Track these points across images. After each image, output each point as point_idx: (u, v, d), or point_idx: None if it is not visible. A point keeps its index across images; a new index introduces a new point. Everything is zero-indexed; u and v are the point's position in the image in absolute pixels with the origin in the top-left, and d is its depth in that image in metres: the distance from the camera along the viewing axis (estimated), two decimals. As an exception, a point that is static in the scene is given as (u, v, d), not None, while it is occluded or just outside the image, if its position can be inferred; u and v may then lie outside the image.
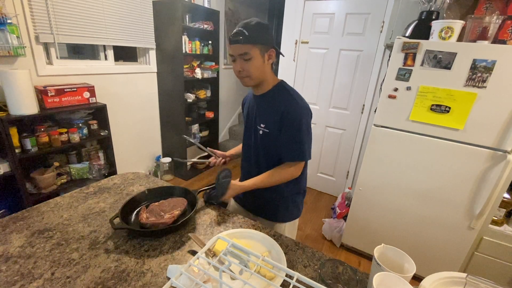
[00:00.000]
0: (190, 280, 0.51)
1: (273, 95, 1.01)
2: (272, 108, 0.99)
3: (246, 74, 0.94)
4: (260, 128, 1.02)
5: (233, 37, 0.90)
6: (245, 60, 0.91)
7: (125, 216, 0.87)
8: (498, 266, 1.53)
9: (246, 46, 0.89)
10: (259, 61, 0.92)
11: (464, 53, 1.32)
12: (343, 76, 2.46)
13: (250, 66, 0.92)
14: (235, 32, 0.90)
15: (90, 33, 1.99)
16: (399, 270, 0.58)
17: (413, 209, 1.64)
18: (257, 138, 1.04)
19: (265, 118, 1.01)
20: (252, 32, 0.88)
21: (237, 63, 0.93)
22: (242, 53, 0.90)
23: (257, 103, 1.05)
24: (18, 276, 0.66)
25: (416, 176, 1.58)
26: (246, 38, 0.87)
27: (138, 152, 2.71)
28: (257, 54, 0.91)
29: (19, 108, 1.54)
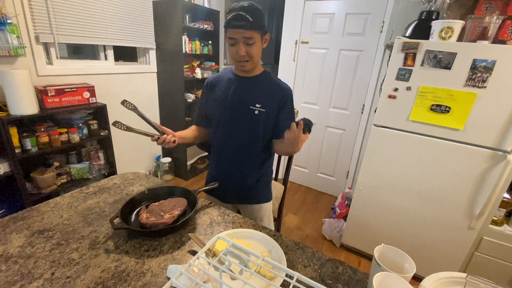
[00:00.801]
0: (190, 280, 0.51)
1: (266, 78, 1.08)
2: (269, 89, 1.06)
3: (248, 58, 0.97)
4: (256, 108, 1.04)
5: (236, 21, 0.90)
6: (249, 44, 0.94)
7: (125, 216, 0.87)
8: (498, 266, 1.53)
9: (251, 32, 0.91)
10: (260, 45, 0.97)
11: (464, 53, 1.32)
12: (343, 76, 2.46)
13: (254, 50, 0.96)
14: (236, 16, 0.90)
15: (90, 33, 1.99)
16: (399, 270, 0.58)
17: (413, 209, 1.64)
18: (251, 117, 1.06)
19: (260, 98, 1.05)
20: (256, 18, 0.90)
21: (240, 47, 0.95)
22: (247, 37, 0.92)
23: (247, 85, 1.07)
24: (18, 276, 0.66)
25: (416, 176, 1.58)
26: (251, 24, 0.90)
27: (138, 152, 2.71)
28: (258, 38, 0.95)
29: (19, 108, 1.54)
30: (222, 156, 1.16)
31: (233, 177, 1.15)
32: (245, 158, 1.12)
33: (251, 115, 1.05)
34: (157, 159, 2.91)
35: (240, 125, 1.08)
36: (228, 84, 1.10)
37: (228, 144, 1.13)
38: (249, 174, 1.15)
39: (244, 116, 1.07)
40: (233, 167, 1.14)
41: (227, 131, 1.12)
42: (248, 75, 1.07)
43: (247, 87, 1.07)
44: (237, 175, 1.15)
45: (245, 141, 1.10)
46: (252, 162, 1.13)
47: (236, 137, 1.10)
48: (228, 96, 1.08)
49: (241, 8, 0.90)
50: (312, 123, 0.93)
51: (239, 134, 1.10)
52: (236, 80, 1.09)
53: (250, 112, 1.05)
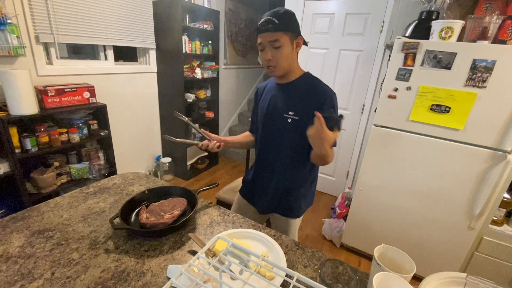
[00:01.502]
0: (190, 280, 0.51)
1: (303, 83, 1.00)
2: (303, 94, 0.98)
3: (275, 63, 0.93)
4: (289, 116, 0.99)
5: (262, 26, 0.90)
6: (275, 48, 0.91)
7: (125, 216, 0.87)
8: (498, 266, 1.53)
9: (277, 33, 0.89)
10: (288, 48, 0.92)
11: (464, 53, 1.32)
12: (343, 76, 2.46)
13: (280, 54, 0.92)
14: (264, 21, 0.90)
15: (90, 33, 1.99)
16: (399, 270, 0.58)
17: (413, 209, 1.64)
18: (283, 126, 1.02)
19: (294, 105, 0.99)
20: (282, 20, 0.88)
21: (266, 51, 0.93)
22: (273, 40, 0.89)
23: (283, 92, 1.03)
24: (18, 276, 0.66)
25: (416, 176, 1.58)
26: (276, 26, 0.88)
27: (138, 152, 2.71)
28: (287, 41, 0.91)
29: (19, 108, 1.54)
30: (260, 165, 1.15)
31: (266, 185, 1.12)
32: (279, 168, 1.07)
33: (285, 124, 1.01)
34: (157, 159, 2.91)
35: (275, 134, 1.05)
36: (269, 92, 1.08)
37: (265, 153, 1.12)
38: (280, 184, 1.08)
39: (278, 125, 1.03)
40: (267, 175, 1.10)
41: (264, 140, 1.11)
42: (283, 81, 1.03)
43: (282, 94, 1.03)
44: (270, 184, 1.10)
45: (280, 151, 1.06)
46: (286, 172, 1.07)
47: (272, 146, 1.08)
48: (266, 105, 1.07)
49: (270, 13, 0.90)
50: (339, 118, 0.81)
51: (274, 143, 1.07)
52: (274, 88, 1.06)
53: (284, 121, 1.01)
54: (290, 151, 1.04)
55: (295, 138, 1.01)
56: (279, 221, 1.16)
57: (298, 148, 1.02)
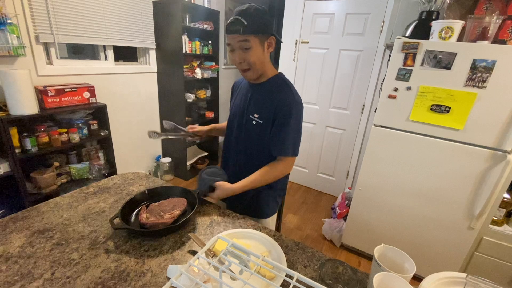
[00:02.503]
0: (190, 280, 0.51)
1: (270, 86, 0.98)
2: (268, 98, 0.96)
3: (248, 66, 0.91)
4: (254, 118, 0.98)
5: (231, 26, 0.85)
6: (245, 49, 0.87)
7: (125, 216, 0.87)
8: (498, 266, 1.53)
9: (245, 36, 0.85)
10: (259, 50, 0.89)
11: (464, 53, 1.32)
12: (343, 76, 2.46)
13: (250, 56, 0.88)
14: (232, 21, 0.85)
15: (90, 33, 1.99)
16: (399, 270, 0.58)
17: (413, 209, 1.64)
18: (249, 127, 1.01)
19: (259, 108, 0.98)
20: (251, 21, 0.83)
21: (236, 53, 0.90)
22: (242, 40, 0.86)
23: (252, 92, 1.01)
24: (18, 276, 0.66)
25: (416, 176, 1.58)
26: (245, 28, 0.84)
27: (138, 152, 2.71)
28: (256, 43, 0.87)
29: (19, 108, 1.54)
30: (226, 162, 1.14)
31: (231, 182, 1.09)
32: (243, 169, 1.06)
33: (250, 125, 1.00)
34: (157, 159, 2.90)
35: (241, 134, 1.05)
36: (243, 89, 1.07)
37: (230, 151, 1.11)
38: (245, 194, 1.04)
39: (244, 125, 1.03)
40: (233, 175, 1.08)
41: (231, 137, 1.10)
42: (256, 81, 1.01)
43: (252, 95, 1.01)
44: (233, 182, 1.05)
45: (244, 151, 1.06)
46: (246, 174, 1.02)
47: (236, 145, 1.07)
48: (237, 102, 1.07)
49: (238, 12, 0.85)
50: (199, 196, 0.94)
51: (239, 142, 1.06)
52: (247, 87, 1.05)
53: (249, 122, 1.00)
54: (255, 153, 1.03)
55: (258, 141, 1.00)
56: None
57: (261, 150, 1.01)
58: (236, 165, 1.09)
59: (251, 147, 1.04)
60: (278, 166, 0.99)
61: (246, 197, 1.09)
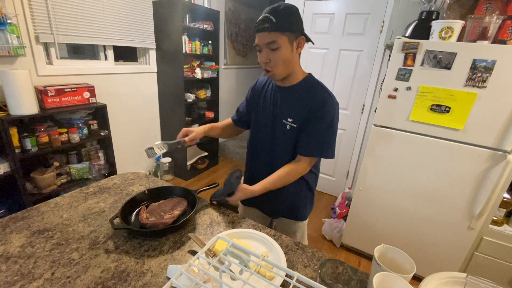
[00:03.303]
0: (190, 280, 0.51)
1: (304, 88, 0.94)
2: (302, 101, 0.93)
3: (273, 65, 0.87)
4: (287, 122, 0.95)
5: (259, 24, 0.82)
6: (272, 49, 0.84)
7: (125, 216, 0.87)
8: (498, 266, 1.53)
9: (274, 34, 0.81)
10: (287, 50, 0.85)
11: (464, 53, 1.32)
12: (343, 76, 2.46)
13: (278, 56, 0.84)
14: (261, 19, 0.82)
15: (90, 33, 1.99)
16: (399, 270, 0.58)
17: (413, 209, 1.64)
18: (282, 132, 0.98)
19: (293, 112, 0.94)
20: (280, 19, 0.80)
21: (263, 53, 0.86)
22: (269, 42, 0.82)
23: (283, 95, 0.98)
24: (18, 276, 0.66)
25: (416, 176, 1.58)
26: (274, 25, 0.80)
27: (138, 152, 2.71)
28: (285, 43, 0.83)
29: (19, 108, 1.54)
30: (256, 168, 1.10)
31: None
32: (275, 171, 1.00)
33: (284, 130, 0.97)
34: (157, 159, 2.90)
35: (274, 138, 1.01)
36: (270, 92, 1.02)
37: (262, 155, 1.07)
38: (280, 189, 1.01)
39: (278, 130, 0.99)
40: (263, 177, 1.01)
41: (262, 142, 1.06)
42: (284, 84, 0.96)
43: (283, 99, 0.97)
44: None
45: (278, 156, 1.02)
46: None
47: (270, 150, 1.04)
48: (266, 106, 1.02)
49: (269, 10, 0.82)
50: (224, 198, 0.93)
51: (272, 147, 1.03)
52: (275, 90, 1.00)
53: (283, 127, 0.97)
54: (288, 156, 1.00)
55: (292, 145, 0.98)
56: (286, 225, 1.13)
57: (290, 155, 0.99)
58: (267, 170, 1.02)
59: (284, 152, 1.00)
60: (301, 166, 0.96)
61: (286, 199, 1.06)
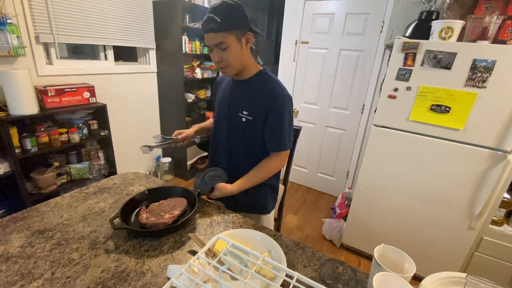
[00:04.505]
0: (190, 280, 0.51)
1: (257, 82, 0.98)
2: (257, 95, 0.96)
3: (226, 64, 0.91)
4: (243, 115, 0.98)
5: (205, 25, 0.84)
6: (222, 49, 0.87)
7: (125, 216, 0.87)
8: (498, 266, 1.53)
9: (220, 34, 0.83)
10: (236, 48, 0.88)
11: (464, 53, 1.32)
12: (343, 76, 2.46)
13: (228, 55, 0.88)
14: (205, 19, 0.84)
15: (90, 33, 1.99)
16: (399, 270, 0.58)
17: (413, 209, 1.64)
18: (237, 125, 1.00)
19: (248, 105, 0.97)
20: (225, 18, 0.82)
21: (214, 53, 0.89)
22: (218, 43, 0.85)
23: (238, 89, 1.00)
24: (18, 276, 0.66)
25: (416, 176, 1.58)
26: (219, 25, 0.82)
27: (138, 152, 2.70)
28: (233, 41, 0.86)
29: (19, 108, 1.54)
30: (215, 159, 1.13)
31: None
32: (234, 166, 1.05)
33: (240, 123, 0.99)
34: (157, 159, 2.91)
35: (230, 131, 1.04)
36: (227, 86, 1.06)
37: (220, 148, 1.10)
38: None
39: (233, 122, 1.01)
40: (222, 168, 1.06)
41: (219, 134, 1.09)
42: (239, 78, 1.00)
43: (238, 92, 1.01)
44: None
45: (235, 148, 1.04)
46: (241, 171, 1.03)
47: (226, 142, 1.06)
48: (223, 100, 1.05)
49: (211, 9, 0.83)
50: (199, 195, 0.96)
51: (229, 140, 1.05)
52: (231, 83, 1.04)
53: (239, 119, 0.99)
54: (244, 149, 1.03)
55: (249, 137, 1.00)
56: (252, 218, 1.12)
57: (252, 147, 1.02)
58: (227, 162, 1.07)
59: (241, 144, 1.03)
60: (274, 161, 0.99)
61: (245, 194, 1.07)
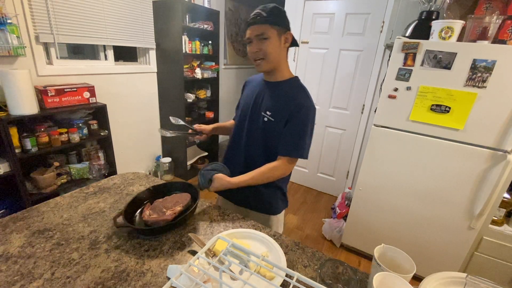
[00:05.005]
0: (190, 280, 0.51)
1: (288, 87, 1.01)
2: (284, 99, 0.99)
3: (262, 55, 0.94)
4: (265, 115, 1.00)
5: (251, 19, 0.91)
6: (262, 39, 0.92)
7: (130, 214, 0.87)
8: (498, 266, 1.53)
9: (264, 26, 0.90)
10: (276, 42, 0.93)
11: (464, 53, 1.32)
12: (343, 76, 2.46)
13: (267, 46, 0.92)
14: (253, 15, 0.91)
15: (90, 33, 1.99)
16: (399, 270, 0.58)
17: (413, 209, 1.64)
18: (258, 123, 1.02)
19: (273, 106, 1.00)
20: (270, 14, 0.90)
21: (253, 44, 0.94)
22: (259, 33, 0.91)
23: (267, 89, 1.03)
24: (18, 276, 0.66)
25: (416, 176, 1.58)
26: (264, 18, 0.89)
27: (138, 152, 2.71)
28: (274, 35, 0.92)
29: (19, 108, 1.54)
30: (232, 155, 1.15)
31: None
32: (249, 164, 1.05)
33: (261, 122, 1.01)
34: (157, 159, 2.91)
35: (250, 130, 1.06)
36: (255, 87, 1.09)
37: (237, 145, 1.11)
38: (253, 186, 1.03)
39: (255, 121, 1.04)
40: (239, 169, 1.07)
41: (239, 133, 1.10)
42: (271, 79, 1.03)
43: (267, 92, 1.03)
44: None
45: (252, 148, 1.06)
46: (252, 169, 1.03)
47: (245, 142, 1.08)
48: (249, 97, 1.08)
49: (260, 7, 0.92)
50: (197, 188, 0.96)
51: (247, 139, 1.07)
52: (261, 84, 1.07)
53: (261, 118, 1.01)
54: (262, 151, 1.04)
55: (268, 139, 1.02)
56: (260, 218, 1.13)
57: (269, 148, 1.03)
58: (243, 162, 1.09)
59: (258, 144, 1.05)
60: (280, 166, 0.99)
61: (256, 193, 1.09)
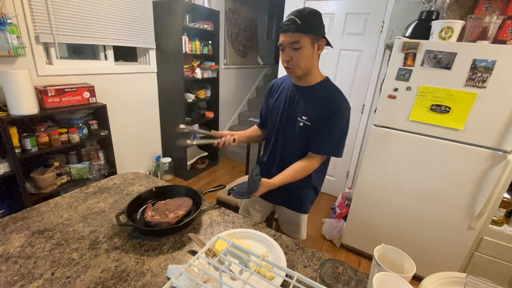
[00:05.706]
0: (190, 280, 0.51)
1: (321, 90, 1.01)
2: (319, 102, 0.98)
3: (294, 64, 0.93)
4: (301, 120, 1.00)
5: (285, 25, 0.89)
6: (295, 49, 0.90)
7: (131, 213, 0.88)
8: (498, 266, 1.53)
9: (297, 35, 0.88)
10: (309, 51, 0.91)
11: (464, 53, 1.32)
12: (343, 76, 2.46)
13: (299, 56, 0.91)
14: (287, 20, 0.89)
15: (90, 33, 1.99)
16: (399, 270, 0.58)
17: (413, 209, 1.64)
18: (294, 129, 1.03)
19: (308, 110, 1.00)
20: (305, 21, 0.87)
21: (285, 52, 0.92)
22: (292, 42, 0.89)
23: (300, 94, 1.03)
24: (18, 276, 0.66)
25: (416, 176, 1.58)
26: (298, 26, 0.87)
27: (138, 152, 2.71)
28: (307, 43, 0.90)
29: (19, 108, 1.54)
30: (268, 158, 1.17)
31: None
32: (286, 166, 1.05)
33: (298, 127, 1.02)
34: (157, 159, 2.90)
35: (286, 135, 1.07)
36: (286, 92, 1.08)
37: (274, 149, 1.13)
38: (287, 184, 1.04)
39: (291, 126, 1.05)
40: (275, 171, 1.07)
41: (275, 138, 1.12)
42: (302, 84, 1.03)
43: (300, 97, 1.03)
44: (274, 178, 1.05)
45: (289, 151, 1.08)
46: None
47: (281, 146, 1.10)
48: (281, 105, 1.08)
49: (294, 12, 0.89)
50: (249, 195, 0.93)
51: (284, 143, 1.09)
52: (292, 89, 1.06)
53: (297, 124, 1.02)
54: (300, 152, 1.05)
55: (304, 142, 1.03)
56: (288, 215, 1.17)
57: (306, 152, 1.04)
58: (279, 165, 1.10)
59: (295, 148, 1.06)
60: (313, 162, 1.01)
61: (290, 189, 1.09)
